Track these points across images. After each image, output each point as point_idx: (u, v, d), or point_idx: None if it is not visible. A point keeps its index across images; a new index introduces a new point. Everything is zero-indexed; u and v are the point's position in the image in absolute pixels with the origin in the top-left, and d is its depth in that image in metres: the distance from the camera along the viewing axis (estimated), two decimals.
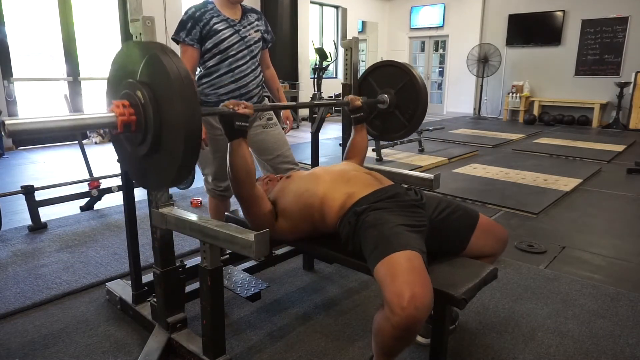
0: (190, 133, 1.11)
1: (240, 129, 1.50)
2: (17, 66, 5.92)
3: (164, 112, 1.15)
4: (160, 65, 1.12)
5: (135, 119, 1.18)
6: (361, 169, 1.72)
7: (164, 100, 1.14)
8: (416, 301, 1.14)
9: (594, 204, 3.71)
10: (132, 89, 1.19)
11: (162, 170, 1.21)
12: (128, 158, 1.33)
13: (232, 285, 1.95)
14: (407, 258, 1.24)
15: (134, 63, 1.23)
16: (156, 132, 1.16)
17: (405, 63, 2.25)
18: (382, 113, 2.30)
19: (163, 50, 1.15)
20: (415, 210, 1.49)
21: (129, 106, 1.19)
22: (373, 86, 2.31)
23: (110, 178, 3.51)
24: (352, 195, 1.51)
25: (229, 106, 1.50)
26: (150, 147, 1.18)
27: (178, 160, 1.14)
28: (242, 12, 2.20)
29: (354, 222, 1.44)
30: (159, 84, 1.14)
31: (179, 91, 1.10)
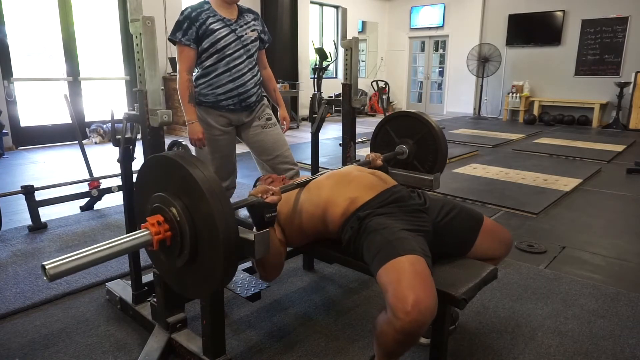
0: (227, 235, 1.09)
1: (270, 220, 1.42)
2: (17, 66, 5.92)
3: (198, 224, 1.13)
4: (192, 181, 1.10)
5: (171, 235, 1.17)
6: (365, 170, 1.70)
7: (198, 213, 1.12)
8: (420, 306, 1.13)
9: (594, 204, 3.71)
10: (164, 204, 1.17)
11: (202, 279, 1.20)
12: (166, 268, 1.32)
13: (232, 285, 1.95)
14: (411, 262, 1.24)
15: (161, 176, 1.22)
16: (193, 246, 1.15)
17: (422, 114, 2.24)
18: (401, 162, 2.28)
19: (190, 162, 1.14)
20: (419, 215, 1.49)
21: (164, 222, 1.17)
22: (391, 135, 2.30)
23: (110, 178, 3.51)
24: (355, 201, 1.50)
25: (257, 194, 1.42)
26: (187, 260, 1.17)
27: (219, 270, 1.13)
28: (239, 12, 2.21)
29: (357, 227, 1.44)
30: (190, 197, 1.13)
31: (212, 201, 1.09)
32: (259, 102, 2.31)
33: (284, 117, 2.47)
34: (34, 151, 5.87)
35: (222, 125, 2.23)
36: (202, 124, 2.16)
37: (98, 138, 6.40)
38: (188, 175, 1.11)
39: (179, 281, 1.31)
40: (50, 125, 6.30)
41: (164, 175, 1.21)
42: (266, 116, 2.33)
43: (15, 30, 5.96)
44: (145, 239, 1.16)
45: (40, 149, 5.99)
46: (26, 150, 5.91)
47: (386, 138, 2.33)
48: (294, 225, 1.59)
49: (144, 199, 1.28)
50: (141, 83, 1.55)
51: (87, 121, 6.56)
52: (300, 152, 5.59)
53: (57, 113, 6.30)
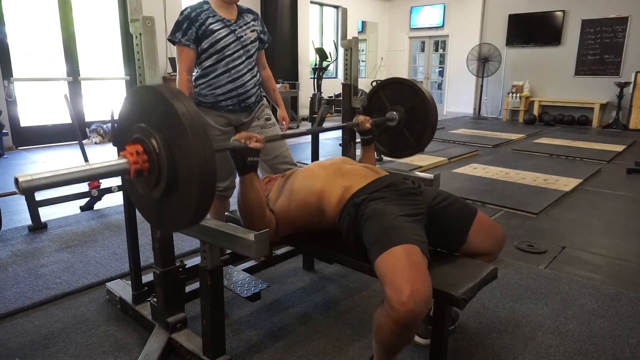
0: (205, 176, 1.10)
1: (252, 164, 1.48)
2: (17, 66, 5.92)
3: (177, 156, 1.14)
4: (171, 110, 1.11)
5: (148, 166, 1.17)
6: (357, 163, 1.72)
7: (177, 144, 1.13)
8: (415, 296, 1.15)
9: (594, 204, 3.71)
10: (144, 135, 1.17)
11: (177, 213, 1.20)
12: (141, 200, 1.33)
13: (232, 285, 1.95)
14: (407, 253, 1.25)
15: (144, 107, 1.22)
16: (170, 177, 1.15)
17: (417, 83, 2.23)
18: (391, 130, 2.27)
19: (173, 94, 1.14)
20: (413, 197, 1.50)
21: (143, 152, 1.17)
22: (384, 101, 2.29)
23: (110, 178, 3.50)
24: (350, 188, 1.52)
25: (241, 140, 1.47)
26: (163, 191, 1.17)
27: (194, 203, 1.13)
28: (238, 12, 2.20)
29: (354, 214, 1.45)
30: (170, 129, 1.13)
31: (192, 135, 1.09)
32: (258, 103, 2.31)
33: (283, 117, 2.46)
34: (34, 151, 5.87)
35: (222, 126, 2.23)
36: None
37: (98, 138, 6.40)
38: (171, 109, 1.11)
39: (153, 214, 1.31)
40: (50, 125, 6.30)
41: (148, 106, 1.21)
42: (265, 116, 2.33)
43: (15, 30, 5.96)
44: (123, 167, 1.16)
45: (40, 149, 5.99)
46: (26, 150, 5.91)
47: (379, 104, 2.32)
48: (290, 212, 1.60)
49: (126, 128, 1.28)
50: (141, 83, 1.55)
51: (87, 121, 6.56)
52: (300, 152, 5.59)
53: (57, 113, 6.30)
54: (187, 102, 1.14)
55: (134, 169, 1.16)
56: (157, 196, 1.20)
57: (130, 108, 1.28)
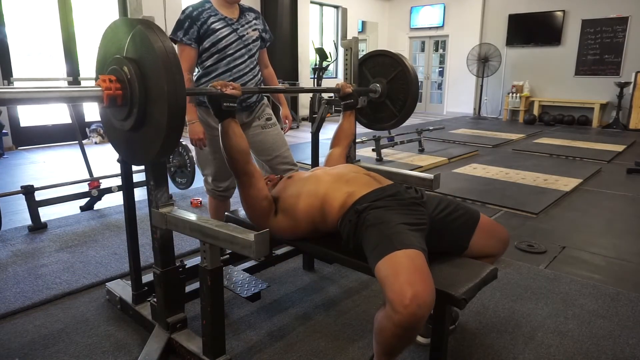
0: (174, 105, 1.15)
1: (228, 110, 1.55)
2: (17, 66, 5.92)
3: (149, 86, 1.18)
4: (146, 41, 1.16)
5: (121, 93, 1.22)
6: (361, 170, 1.72)
7: (150, 75, 1.17)
8: (418, 299, 1.14)
9: (594, 204, 3.71)
10: (118, 65, 1.22)
11: (147, 143, 1.25)
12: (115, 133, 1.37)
13: (232, 285, 1.95)
14: (409, 256, 1.24)
15: (121, 39, 1.26)
16: (141, 105, 1.20)
17: (398, 53, 2.27)
18: (374, 102, 2.32)
19: (149, 26, 1.18)
20: (416, 208, 1.49)
21: (116, 81, 1.22)
22: (366, 75, 2.33)
23: (110, 178, 3.51)
24: (353, 194, 1.52)
25: (217, 87, 1.54)
26: (135, 121, 1.23)
27: (162, 132, 1.18)
28: (240, 11, 2.20)
29: (355, 221, 1.44)
30: (144, 59, 1.18)
31: (164, 65, 1.14)
32: (259, 102, 2.31)
33: (285, 116, 2.46)
34: (34, 151, 5.87)
35: None
36: (203, 124, 2.16)
37: (98, 138, 6.40)
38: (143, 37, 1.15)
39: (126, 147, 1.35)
40: (50, 125, 6.30)
41: (124, 38, 1.24)
42: (266, 116, 2.32)
43: (15, 30, 5.96)
44: (97, 94, 1.20)
45: (40, 149, 5.99)
46: (26, 150, 5.91)
47: (361, 78, 2.37)
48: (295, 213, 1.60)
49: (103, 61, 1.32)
50: None
51: (87, 121, 6.56)
52: (300, 152, 5.59)
53: (57, 113, 6.30)
54: (163, 36, 1.18)
55: (107, 95, 1.20)
56: (129, 126, 1.24)
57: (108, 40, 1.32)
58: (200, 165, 2.31)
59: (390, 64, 2.25)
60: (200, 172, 2.35)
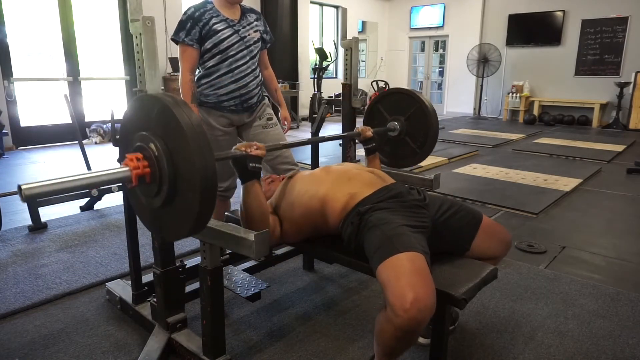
0: (206, 182, 1.09)
1: (253, 171, 1.48)
2: (17, 66, 5.91)
3: (178, 163, 1.14)
4: (172, 117, 1.11)
5: (150, 171, 1.17)
6: (364, 168, 1.70)
7: (178, 152, 1.13)
8: (419, 303, 1.14)
9: (594, 204, 3.71)
10: (145, 142, 1.18)
11: (179, 220, 1.20)
12: (143, 210, 1.33)
13: (232, 285, 1.95)
14: (410, 259, 1.24)
15: (146, 116, 1.22)
16: (171, 183, 1.15)
17: (413, 90, 2.23)
18: (393, 140, 2.26)
19: (175, 102, 1.14)
20: (418, 210, 1.49)
21: (143, 159, 1.17)
22: (383, 114, 2.29)
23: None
24: (355, 196, 1.50)
25: (241, 149, 1.48)
26: (165, 198, 1.17)
27: (195, 210, 1.12)
28: (241, 12, 2.20)
29: (357, 222, 1.44)
30: (172, 136, 1.13)
31: (193, 142, 1.09)
32: (259, 103, 2.31)
33: (285, 117, 2.46)
34: (34, 151, 5.87)
35: (224, 126, 2.23)
36: (204, 124, 2.16)
37: (98, 138, 6.40)
38: (171, 116, 1.12)
39: (156, 223, 1.31)
40: (50, 125, 6.30)
41: (149, 114, 1.21)
42: (267, 116, 2.32)
43: (15, 30, 5.96)
44: (124, 175, 1.17)
45: (40, 149, 5.99)
46: (26, 150, 5.91)
47: (378, 117, 2.31)
48: (294, 218, 1.59)
49: (128, 138, 1.29)
50: (141, 83, 1.55)
51: (87, 121, 6.56)
52: (300, 152, 5.59)
53: (57, 113, 6.30)
54: (188, 110, 1.13)
55: (136, 175, 1.16)
56: (159, 204, 1.19)
57: (132, 117, 1.28)
58: None
59: (406, 101, 2.20)
60: None
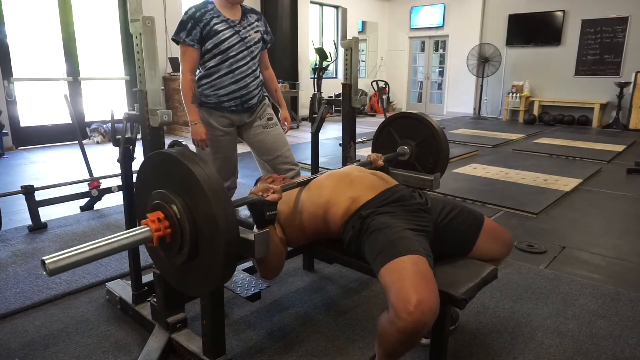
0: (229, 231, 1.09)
1: (270, 218, 1.42)
2: (17, 66, 5.91)
3: (199, 222, 1.13)
4: (193, 178, 1.10)
5: (171, 232, 1.16)
6: (366, 170, 1.70)
7: (198, 210, 1.12)
8: (423, 306, 1.13)
9: (594, 204, 3.71)
10: (164, 200, 1.17)
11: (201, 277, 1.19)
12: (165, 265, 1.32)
13: (232, 285, 1.95)
14: (413, 262, 1.24)
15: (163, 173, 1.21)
16: (193, 242, 1.14)
17: (425, 115, 2.23)
18: (402, 164, 2.27)
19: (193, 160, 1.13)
20: (421, 214, 1.49)
21: (164, 219, 1.16)
22: (393, 136, 2.29)
23: (110, 178, 3.51)
24: (357, 200, 1.49)
25: (258, 193, 1.44)
26: (187, 257, 1.17)
27: (219, 268, 1.12)
28: (242, 12, 2.20)
29: (359, 227, 1.43)
30: (192, 195, 1.12)
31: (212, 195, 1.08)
32: (260, 103, 2.31)
33: (285, 117, 2.46)
34: (34, 151, 5.87)
35: (224, 126, 2.23)
36: (205, 125, 2.16)
37: (99, 137, 6.39)
38: (189, 173, 1.11)
39: (178, 279, 1.30)
40: (50, 125, 6.29)
41: (166, 172, 1.20)
42: (267, 116, 2.32)
43: (15, 30, 5.96)
44: (146, 235, 1.16)
45: (40, 149, 5.99)
46: (26, 150, 5.91)
47: (388, 139, 2.33)
48: (295, 224, 1.59)
49: (144, 195, 1.28)
50: (141, 83, 1.55)
51: (87, 121, 6.56)
52: (300, 152, 5.59)
53: (57, 113, 6.30)
54: (204, 164, 1.13)
55: (157, 237, 1.15)
56: (181, 261, 1.18)
57: (147, 174, 1.28)
58: None
59: (418, 127, 2.21)
60: None
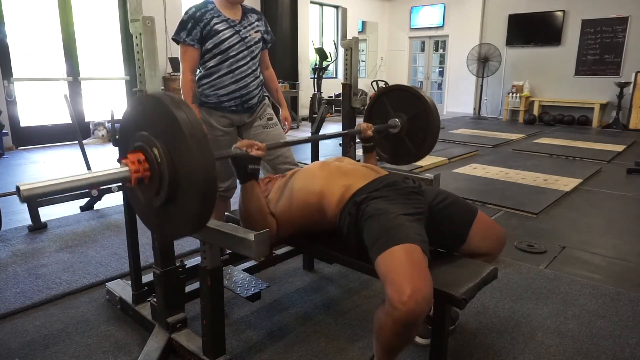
0: (206, 183, 1.10)
1: (252, 172, 1.49)
2: (17, 66, 5.92)
3: (178, 164, 1.14)
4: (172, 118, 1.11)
5: (150, 174, 1.17)
6: (358, 163, 1.72)
7: (178, 152, 1.13)
8: (417, 296, 1.15)
9: (594, 204, 3.71)
10: (147, 143, 1.18)
11: (178, 221, 1.20)
12: (142, 207, 1.33)
13: (232, 285, 1.95)
14: (407, 252, 1.25)
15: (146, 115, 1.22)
16: (171, 185, 1.15)
17: (420, 91, 2.22)
18: (392, 136, 2.26)
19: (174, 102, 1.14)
20: (414, 196, 1.50)
21: (144, 161, 1.17)
22: (387, 107, 2.28)
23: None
24: (350, 187, 1.51)
25: (242, 147, 1.48)
26: (166, 198, 1.18)
27: (195, 210, 1.13)
28: (243, 12, 2.20)
29: (355, 213, 1.44)
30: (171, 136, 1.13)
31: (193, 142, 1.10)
32: (260, 103, 2.31)
33: (285, 117, 2.46)
34: (34, 151, 5.87)
35: (224, 126, 2.23)
36: (205, 124, 2.16)
37: (104, 130, 6.38)
38: (173, 117, 1.12)
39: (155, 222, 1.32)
40: (50, 125, 6.30)
41: (151, 114, 1.21)
42: (267, 116, 2.32)
43: (15, 30, 5.96)
44: (124, 175, 1.17)
45: (40, 149, 5.99)
46: (26, 150, 5.91)
47: (382, 109, 2.30)
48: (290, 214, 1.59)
49: (128, 135, 1.29)
50: (141, 83, 1.55)
51: (87, 121, 6.57)
52: (300, 152, 5.58)
53: (57, 113, 6.30)
54: (188, 110, 1.14)
55: (135, 178, 1.16)
56: (158, 204, 1.20)
57: (132, 115, 1.29)
58: None
59: (413, 101, 2.19)
60: None
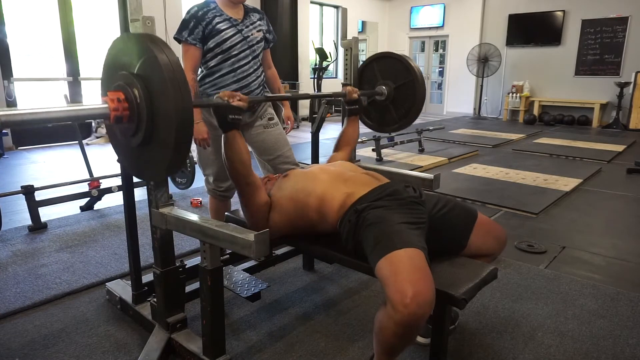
0: (182, 124, 1.14)
1: (233, 122, 1.53)
2: (17, 66, 5.92)
3: (156, 106, 1.18)
4: (153, 61, 1.14)
5: (128, 114, 1.21)
6: (359, 169, 1.72)
7: (157, 94, 1.17)
8: (419, 298, 1.14)
9: (594, 204, 3.71)
10: (126, 82, 1.21)
11: (155, 160, 1.24)
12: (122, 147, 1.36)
13: (232, 285, 1.95)
14: (409, 255, 1.25)
15: (129, 55, 1.25)
16: (149, 125, 1.19)
17: (411, 61, 2.25)
18: (378, 104, 2.31)
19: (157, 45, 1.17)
20: (415, 207, 1.50)
21: (124, 100, 1.21)
22: (375, 74, 2.31)
23: (110, 178, 3.51)
24: (352, 195, 1.52)
25: (224, 97, 1.52)
26: (143, 139, 1.21)
27: (170, 151, 1.17)
28: (245, 11, 2.20)
29: (355, 220, 1.44)
30: (152, 78, 1.17)
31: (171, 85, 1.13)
32: None
33: (288, 117, 2.46)
34: (34, 151, 5.87)
35: None
36: (207, 124, 2.16)
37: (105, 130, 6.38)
38: (154, 59, 1.14)
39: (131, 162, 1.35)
40: (50, 125, 6.28)
41: (134, 54, 1.23)
42: (268, 116, 2.32)
43: (15, 30, 5.96)
44: (102, 112, 1.20)
45: (40, 149, 5.99)
46: (26, 150, 5.91)
47: (370, 76, 2.34)
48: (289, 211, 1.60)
49: (111, 73, 1.31)
50: None
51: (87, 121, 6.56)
52: (300, 152, 5.59)
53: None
54: (170, 53, 1.17)
55: (114, 115, 1.20)
56: (136, 144, 1.23)
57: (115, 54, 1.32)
58: (201, 165, 2.31)
59: (402, 70, 2.22)
60: (201, 172, 2.35)
